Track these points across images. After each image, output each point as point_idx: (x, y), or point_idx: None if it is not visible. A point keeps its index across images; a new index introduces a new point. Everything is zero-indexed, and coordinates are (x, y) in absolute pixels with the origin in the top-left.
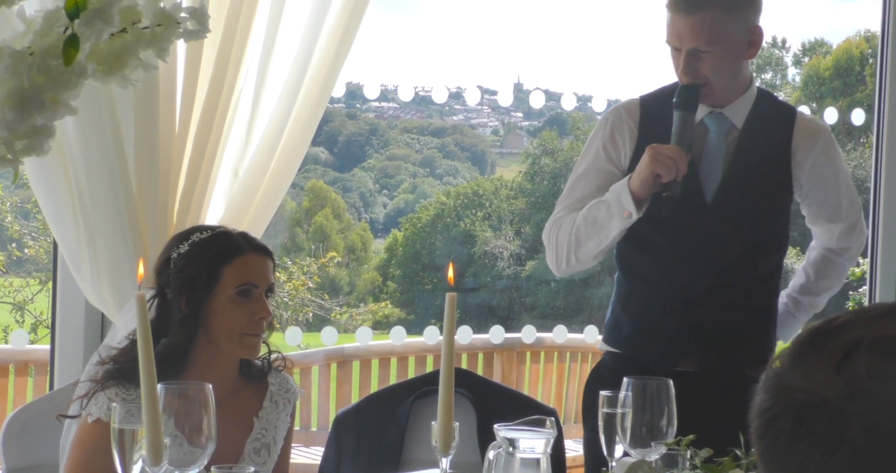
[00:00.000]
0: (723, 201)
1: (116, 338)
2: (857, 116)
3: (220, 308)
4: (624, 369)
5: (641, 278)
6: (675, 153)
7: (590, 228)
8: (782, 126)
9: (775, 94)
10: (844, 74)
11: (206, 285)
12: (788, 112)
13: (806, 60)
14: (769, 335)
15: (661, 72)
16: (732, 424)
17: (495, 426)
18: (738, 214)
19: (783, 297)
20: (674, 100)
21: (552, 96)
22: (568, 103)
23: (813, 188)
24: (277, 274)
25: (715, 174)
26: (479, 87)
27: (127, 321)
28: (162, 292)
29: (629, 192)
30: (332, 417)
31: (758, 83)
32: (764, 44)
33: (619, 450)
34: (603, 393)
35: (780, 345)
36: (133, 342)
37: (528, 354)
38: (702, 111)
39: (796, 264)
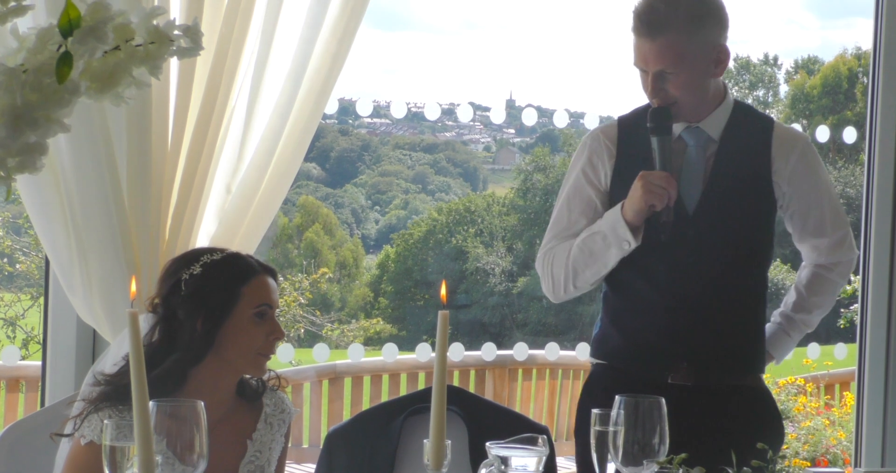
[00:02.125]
0: (705, 213)
1: (109, 357)
2: (849, 135)
3: (238, 328)
4: (615, 382)
5: (629, 293)
6: (665, 181)
7: (587, 258)
8: (760, 136)
9: (768, 111)
10: (832, 91)
11: (226, 306)
12: (766, 122)
13: (796, 77)
14: (759, 345)
15: None
16: (727, 436)
17: (487, 443)
18: (720, 225)
19: (776, 316)
20: (648, 125)
21: (544, 113)
22: (560, 120)
23: (794, 197)
24: None
25: (695, 187)
26: (472, 103)
27: (122, 341)
28: (171, 314)
29: (624, 222)
30: (323, 434)
31: (749, 100)
32: (755, 61)
33: (610, 468)
34: (595, 411)
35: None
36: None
37: (520, 371)
38: (678, 126)
39: (786, 280)
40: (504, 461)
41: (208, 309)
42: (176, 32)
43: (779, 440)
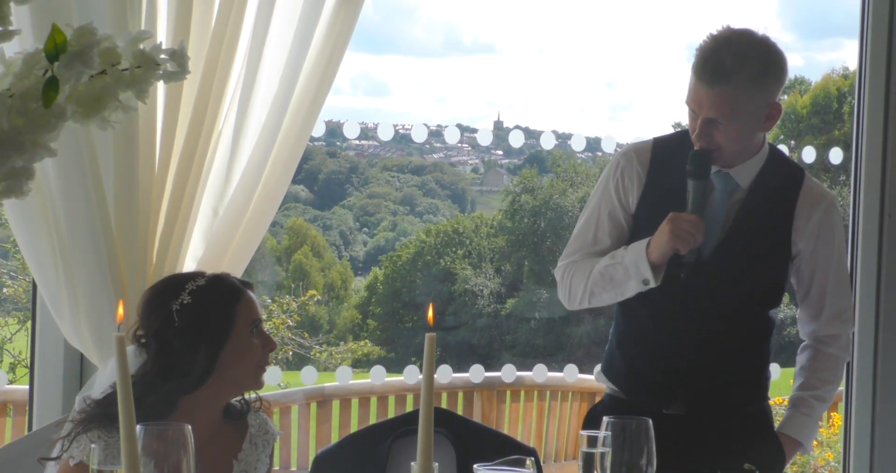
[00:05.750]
0: (720, 260)
1: (97, 382)
2: (835, 155)
3: (239, 347)
4: (617, 410)
5: (635, 322)
6: (693, 226)
7: (606, 283)
8: (788, 189)
9: None
10: (822, 111)
11: (225, 328)
12: (796, 175)
13: (785, 97)
14: (760, 375)
15: (639, 112)
16: (724, 462)
17: (475, 466)
18: (733, 273)
19: (789, 403)
20: (687, 167)
21: (532, 134)
22: (547, 142)
23: (806, 257)
24: None
25: (714, 233)
26: (459, 125)
27: (111, 366)
28: (166, 346)
29: (647, 261)
30: (311, 457)
31: None
32: None
33: None
34: (583, 433)
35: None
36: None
37: (508, 393)
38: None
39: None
40: None
41: (208, 335)
42: (162, 56)
43: (779, 461)
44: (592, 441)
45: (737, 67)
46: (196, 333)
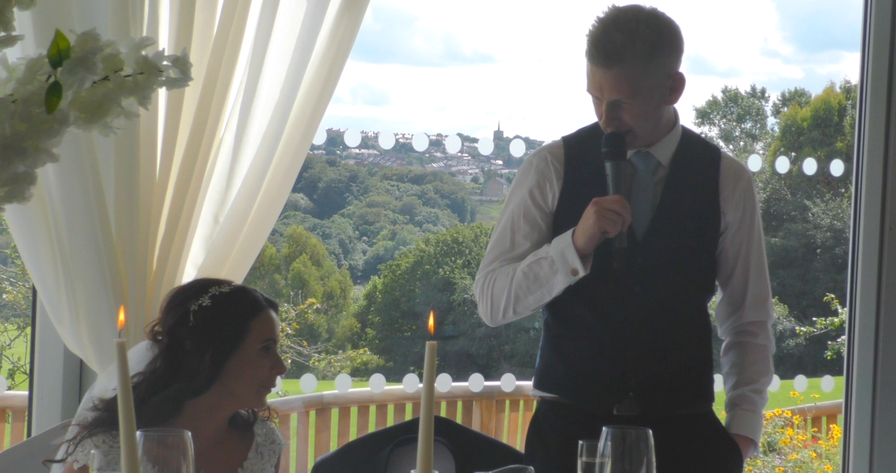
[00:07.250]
0: (654, 239)
1: (96, 388)
2: (836, 167)
3: (245, 361)
4: (562, 417)
5: (572, 321)
6: (618, 206)
7: (531, 284)
8: (709, 163)
9: (755, 144)
10: (822, 124)
11: (235, 338)
12: (713, 151)
13: (785, 109)
14: (706, 373)
15: None
16: (683, 467)
17: None
18: (669, 250)
19: (727, 405)
20: (602, 150)
21: (532, 144)
22: None
23: (732, 228)
24: None
25: (644, 212)
26: (460, 134)
27: (115, 370)
28: (177, 344)
29: (574, 249)
30: (310, 465)
31: (737, 133)
32: (743, 93)
33: None
34: (582, 442)
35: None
36: None
37: (508, 402)
38: (628, 151)
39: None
40: None
41: (217, 341)
42: (165, 63)
43: (737, 465)
44: (591, 451)
45: (628, 43)
46: (206, 336)
